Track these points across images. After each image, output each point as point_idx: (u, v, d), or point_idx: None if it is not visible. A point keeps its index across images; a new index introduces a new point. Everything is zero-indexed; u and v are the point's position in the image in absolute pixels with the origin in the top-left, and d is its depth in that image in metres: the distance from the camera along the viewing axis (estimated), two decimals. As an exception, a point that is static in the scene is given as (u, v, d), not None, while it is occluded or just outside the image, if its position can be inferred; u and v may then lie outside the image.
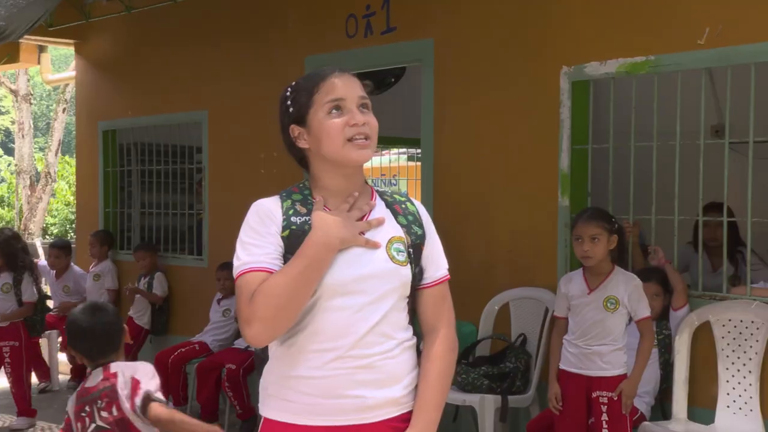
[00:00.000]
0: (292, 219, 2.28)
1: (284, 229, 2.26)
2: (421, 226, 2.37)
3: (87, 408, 3.49)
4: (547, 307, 5.28)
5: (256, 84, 7.17)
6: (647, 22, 4.96)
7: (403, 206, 2.39)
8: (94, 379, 3.54)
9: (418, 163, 9.08)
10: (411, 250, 2.32)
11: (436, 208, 5.83)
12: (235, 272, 2.24)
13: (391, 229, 2.32)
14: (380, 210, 2.36)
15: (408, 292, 2.32)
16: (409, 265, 2.30)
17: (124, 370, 3.49)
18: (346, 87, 2.29)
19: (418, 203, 2.44)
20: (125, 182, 8.78)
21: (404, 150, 12.14)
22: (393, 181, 13.33)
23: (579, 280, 4.57)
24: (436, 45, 5.94)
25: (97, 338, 3.56)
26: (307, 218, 2.27)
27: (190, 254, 8.01)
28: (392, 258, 2.27)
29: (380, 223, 2.29)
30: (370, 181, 2.48)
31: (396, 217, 2.35)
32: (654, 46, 4.90)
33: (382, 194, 2.41)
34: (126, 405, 3.42)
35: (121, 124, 8.56)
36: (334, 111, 2.27)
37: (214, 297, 7.15)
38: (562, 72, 5.27)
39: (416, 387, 2.32)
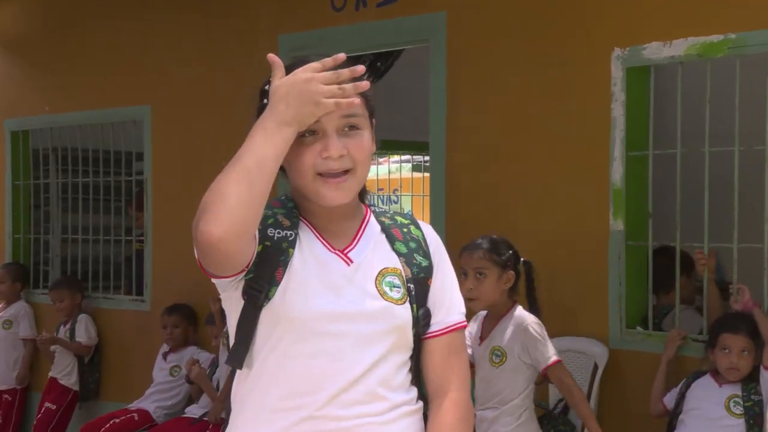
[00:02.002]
0: (269, 232, 2.31)
1: (259, 242, 2.29)
2: (426, 255, 2.41)
3: None
4: (596, 362, 5.27)
5: (213, 71, 7.16)
6: (725, -10, 4.99)
7: (405, 230, 2.43)
8: None
9: (426, 175, 9.04)
10: (411, 285, 2.34)
11: (449, 233, 5.81)
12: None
13: (382, 259, 2.36)
14: (371, 234, 2.39)
15: (408, 340, 2.34)
16: (408, 305, 2.33)
17: None
18: None
19: (427, 228, 2.48)
20: (41, 199, 8.75)
21: (408, 157, 12.14)
22: (393, 198, 13.32)
23: (480, 325, 4.76)
24: (449, 20, 5.94)
25: None
26: (288, 233, 2.31)
27: (127, 294, 7.97)
28: (383, 294, 2.30)
29: (357, 89, 2.21)
30: (367, 198, 2.50)
31: (393, 244, 2.39)
32: (735, 21, 4.89)
33: (380, 215, 2.45)
34: None
35: (35, 122, 8.55)
36: (307, 134, 2.28)
37: (159, 350, 7.11)
38: (613, 55, 5.27)
39: None
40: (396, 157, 12.50)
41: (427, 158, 7.34)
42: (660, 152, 5.29)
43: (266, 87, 2.38)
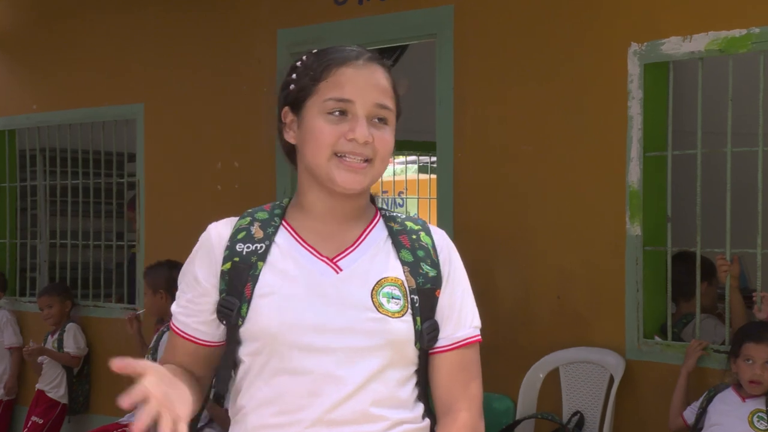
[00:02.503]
0: (238, 248, 2.32)
1: (225, 260, 2.31)
2: (435, 265, 2.37)
3: None
4: (612, 374, 5.25)
5: (210, 67, 7.16)
6: (748, -18, 4.98)
7: (414, 237, 2.39)
8: None
9: (433, 176, 9.03)
10: (415, 297, 2.31)
11: (458, 238, 5.77)
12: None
13: (383, 268, 2.32)
14: (374, 240, 2.37)
15: (408, 355, 2.31)
16: (408, 317, 2.29)
17: None
18: (360, 85, 2.29)
19: (440, 235, 2.44)
20: (28, 202, 8.75)
21: (413, 158, 12.13)
22: (398, 201, 13.32)
23: None
24: (456, 14, 5.94)
25: None
26: (258, 246, 2.31)
27: (119, 302, 7.96)
28: (378, 305, 2.27)
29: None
30: (379, 201, 2.49)
31: (399, 252, 2.36)
32: (758, 15, 4.89)
33: (389, 220, 2.42)
34: None
35: (21, 122, 8.55)
36: (336, 113, 2.28)
37: (150, 361, 7.10)
38: (630, 51, 5.27)
39: None
40: (401, 158, 12.49)
41: (433, 159, 7.32)
42: (679, 153, 5.28)
43: (297, 64, 2.38)
